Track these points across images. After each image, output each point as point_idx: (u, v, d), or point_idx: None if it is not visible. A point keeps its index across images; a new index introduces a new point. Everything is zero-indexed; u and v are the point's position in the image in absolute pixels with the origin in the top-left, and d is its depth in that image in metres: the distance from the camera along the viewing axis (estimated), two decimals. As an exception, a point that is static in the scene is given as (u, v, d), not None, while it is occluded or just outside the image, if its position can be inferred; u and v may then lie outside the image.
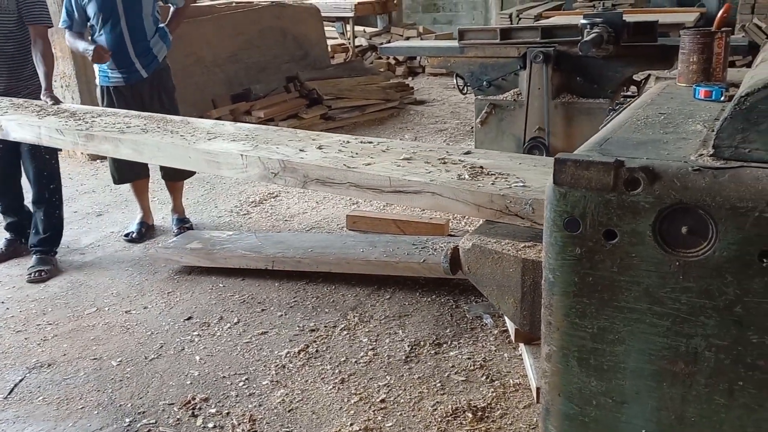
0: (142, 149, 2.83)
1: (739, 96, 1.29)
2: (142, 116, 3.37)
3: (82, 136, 3.02)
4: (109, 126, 3.10)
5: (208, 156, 2.58)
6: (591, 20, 4.06)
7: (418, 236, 3.73)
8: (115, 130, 2.98)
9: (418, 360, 2.83)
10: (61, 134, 3.12)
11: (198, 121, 3.19)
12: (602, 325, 1.47)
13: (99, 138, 2.96)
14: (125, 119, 3.27)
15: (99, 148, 3.02)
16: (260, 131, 2.87)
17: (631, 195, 1.36)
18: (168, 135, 2.85)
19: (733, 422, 1.39)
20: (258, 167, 2.42)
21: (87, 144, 3.04)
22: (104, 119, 3.27)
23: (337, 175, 2.23)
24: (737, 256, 1.29)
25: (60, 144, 3.22)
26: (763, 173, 1.26)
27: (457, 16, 14.47)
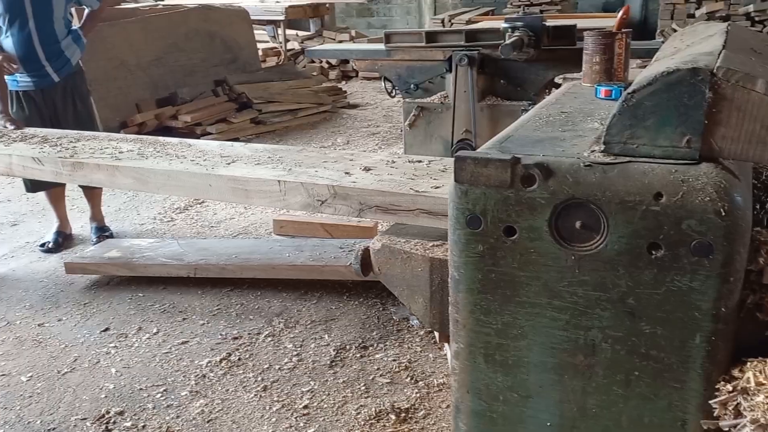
0: (147, 178, 2.47)
1: (626, 93, 1.33)
2: (128, 139, 3.01)
3: (67, 164, 2.63)
4: (96, 152, 2.74)
5: (234, 183, 2.26)
6: (512, 24, 4.13)
7: (345, 239, 3.71)
8: (107, 156, 2.65)
9: (343, 364, 2.80)
10: (40, 163, 2.73)
11: (200, 143, 2.88)
12: (506, 321, 1.49)
13: (89, 166, 2.58)
14: (111, 143, 2.91)
15: (90, 178, 2.65)
16: (281, 152, 2.59)
17: (528, 191, 1.38)
18: (175, 160, 2.54)
19: (630, 412, 1.43)
20: (300, 194, 2.13)
21: (74, 174, 2.65)
22: (86, 144, 2.92)
23: (404, 201, 1.97)
24: (627, 249, 1.32)
25: (38, 175, 2.78)
26: (649, 168, 1.30)
27: (392, 21, 14.57)
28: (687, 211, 1.25)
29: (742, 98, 1.23)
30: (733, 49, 1.42)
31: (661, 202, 1.27)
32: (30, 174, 2.84)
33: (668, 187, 1.27)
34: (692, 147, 1.28)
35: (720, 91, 1.24)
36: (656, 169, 1.29)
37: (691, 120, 1.27)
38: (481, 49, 4.42)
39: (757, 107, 1.22)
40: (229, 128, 6.46)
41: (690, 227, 1.26)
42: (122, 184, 2.57)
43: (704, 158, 1.29)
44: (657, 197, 1.27)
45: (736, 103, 1.23)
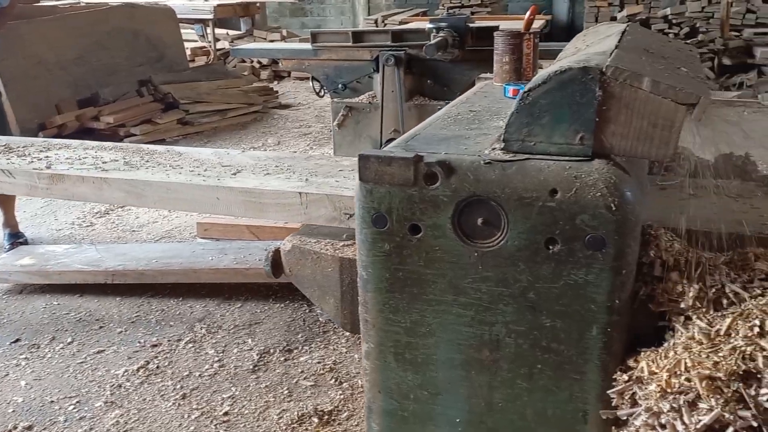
0: (142, 191, 2.21)
1: (523, 92, 1.35)
2: (106, 147, 2.67)
3: (44, 177, 2.33)
4: (74, 162, 2.43)
5: (247, 196, 2.04)
6: (436, 25, 4.17)
7: (272, 241, 3.66)
8: (90, 167, 2.36)
9: (266, 368, 2.76)
10: (10, 176, 2.40)
11: (191, 151, 2.61)
12: (414, 319, 1.49)
13: (72, 179, 2.29)
14: (89, 152, 2.60)
15: (71, 192, 2.33)
16: (287, 160, 2.38)
17: (431, 189, 1.38)
18: (172, 171, 2.29)
19: (535, 405, 1.45)
20: (325, 207, 1.91)
21: (52, 187, 2.34)
22: (59, 153, 2.60)
23: None
24: (526, 245, 1.35)
25: (7, 189, 2.49)
26: (545, 164, 1.32)
27: (326, 21, 14.50)
28: (580, 206, 1.28)
29: (629, 96, 1.27)
30: (626, 49, 1.46)
31: (557, 198, 1.30)
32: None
33: (563, 184, 1.29)
34: (585, 144, 1.32)
35: (609, 90, 1.27)
36: (552, 165, 1.32)
37: (584, 117, 1.30)
38: (407, 50, 4.45)
39: (643, 104, 1.26)
40: (154, 129, 6.28)
41: (584, 222, 1.29)
42: (111, 198, 2.34)
43: (597, 155, 1.32)
44: (552, 193, 1.30)
45: (625, 100, 1.27)
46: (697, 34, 8.39)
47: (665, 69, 1.38)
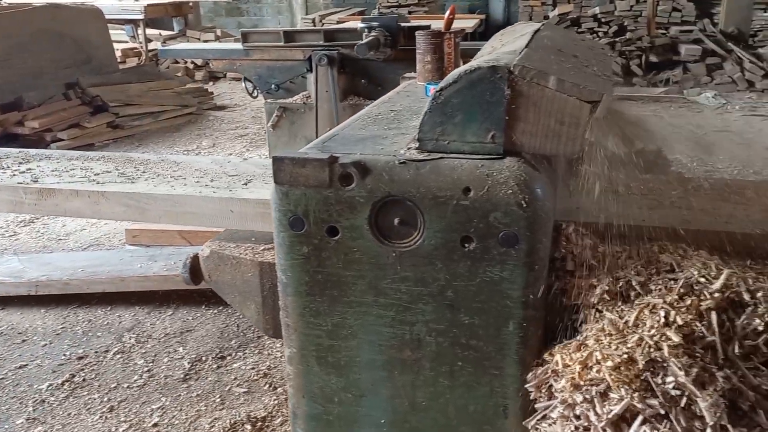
0: (144, 205, 2.01)
1: (435, 91, 1.35)
2: (92, 157, 2.41)
3: (32, 192, 2.09)
4: (62, 174, 2.19)
5: (264, 208, 1.80)
6: (368, 24, 4.17)
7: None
8: (83, 179, 2.14)
9: (198, 377, 2.70)
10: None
11: (188, 159, 2.41)
12: (336, 322, 1.48)
13: (63, 193, 2.06)
14: (74, 162, 2.35)
15: (63, 208, 2.09)
16: None
17: (347, 190, 1.37)
18: (176, 182, 2.10)
19: (457, 401, 1.46)
20: None
21: (41, 203, 2.10)
22: (42, 165, 2.33)
23: None
24: (443, 243, 1.35)
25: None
26: (458, 163, 1.33)
27: (263, 20, 14.34)
28: (493, 204, 1.30)
29: (537, 94, 1.29)
30: (536, 48, 1.49)
31: (470, 197, 1.31)
32: None
33: (475, 182, 1.30)
34: (496, 142, 1.33)
35: (517, 88, 1.29)
36: (465, 164, 1.33)
37: (494, 116, 1.32)
38: (340, 49, 4.43)
39: (550, 102, 1.28)
40: (82, 133, 6.07)
41: (497, 219, 1.30)
42: (109, 214, 2.09)
43: (508, 152, 1.34)
44: (466, 192, 1.31)
45: (532, 99, 1.29)
46: (626, 32, 8.67)
47: (573, 67, 1.41)
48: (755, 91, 7.83)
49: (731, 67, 8.07)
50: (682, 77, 8.20)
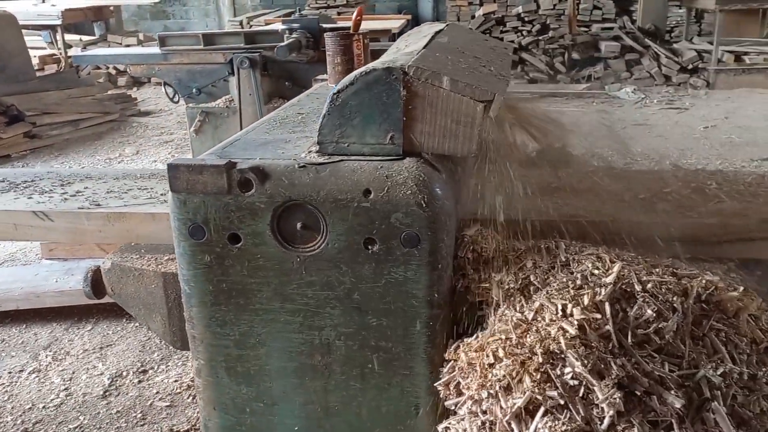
0: None
1: (332, 93, 1.34)
2: (143, 175, 2.11)
3: (97, 217, 1.78)
4: (122, 195, 1.91)
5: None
6: (289, 26, 4.13)
7: (126, 257, 3.47)
8: (154, 201, 1.85)
9: (118, 393, 2.61)
10: (46, 219, 1.81)
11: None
12: (243, 331, 1.45)
13: (138, 217, 1.76)
14: (126, 181, 2.03)
15: (136, 233, 1.76)
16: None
17: (247, 196, 1.35)
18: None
19: (369, 404, 1.46)
20: None
21: (107, 228, 1.77)
22: (89, 186, 2.01)
23: None
24: (346, 246, 1.34)
25: (40, 235, 1.88)
26: (358, 165, 1.33)
27: (190, 23, 14.01)
28: (393, 205, 1.30)
29: (432, 95, 1.30)
30: (434, 48, 1.50)
31: (371, 198, 1.30)
32: (26, 235, 1.87)
33: (375, 183, 1.30)
34: (395, 143, 1.33)
35: (413, 89, 1.30)
36: (364, 166, 1.32)
37: (392, 117, 1.32)
38: (262, 51, 4.37)
39: (445, 103, 1.29)
40: (-3, 144, 5.80)
41: (398, 220, 1.30)
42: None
43: (408, 153, 1.34)
44: (366, 194, 1.31)
45: (428, 99, 1.30)
46: (548, 30, 8.89)
47: (469, 68, 1.43)
48: (672, 85, 8.18)
49: (649, 63, 8.40)
50: (604, 73, 8.49)
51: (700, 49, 8.30)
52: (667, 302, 1.25)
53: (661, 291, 1.26)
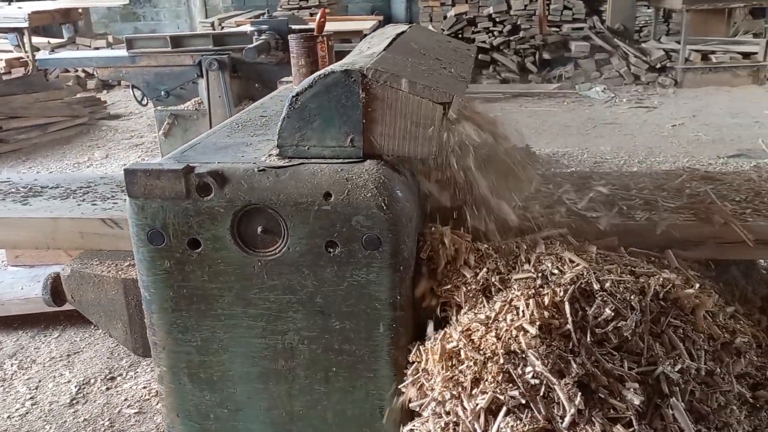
0: None
1: (291, 96, 1.34)
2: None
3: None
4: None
5: None
6: (258, 27, 4.11)
7: (93, 263, 3.41)
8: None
9: (86, 401, 2.57)
10: (115, 227, 1.72)
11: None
12: (205, 336, 1.44)
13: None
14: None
15: None
16: None
17: (206, 201, 1.33)
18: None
19: (334, 407, 1.45)
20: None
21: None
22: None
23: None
24: (308, 250, 1.34)
25: (108, 244, 1.74)
26: (318, 168, 1.32)
27: (160, 25, 13.85)
28: (354, 207, 1.30)
29: (391, 97, 1.30)
30: (395, 50, 1.50)
31: (331, 201, 1.30)
32: (92, 243, 1.74)
33: (335, 186, 1.30)
34: (356, 146, 1.33)
35: (372, 91, 1.29)
36: (324, 169, 1.32)
37: (352, 119, 1.32)
38: (231, 53, 4.34)
39: (404, 105, 1.29)
40: (-39, 150, 5.67)
41: (359, 223, 1.30)
42: None
43: (369, 155, 1.34)
44: (326, 197, 1.30)
45: (387, 101, 1.30)
46: (519, 30, 8.95)
47: (429, 70, 1.43)
48: (641, 84, 8.28)
49: (618, 62, 8.50)
50: (574, 73, 8.56)
51: (668, 49, 8.43)
52: (625, 301, 1.26)
53: (619, 290, 1.27)
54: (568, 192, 1.72)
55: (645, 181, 1.87)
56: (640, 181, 1.86)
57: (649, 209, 1.66)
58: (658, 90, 8.01)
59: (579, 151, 5.69)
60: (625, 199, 1.73)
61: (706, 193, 1.73)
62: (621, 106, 7.46)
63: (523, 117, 7.18)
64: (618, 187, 1.80)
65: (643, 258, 1.49)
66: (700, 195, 1.72)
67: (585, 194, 1.71)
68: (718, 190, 1.76)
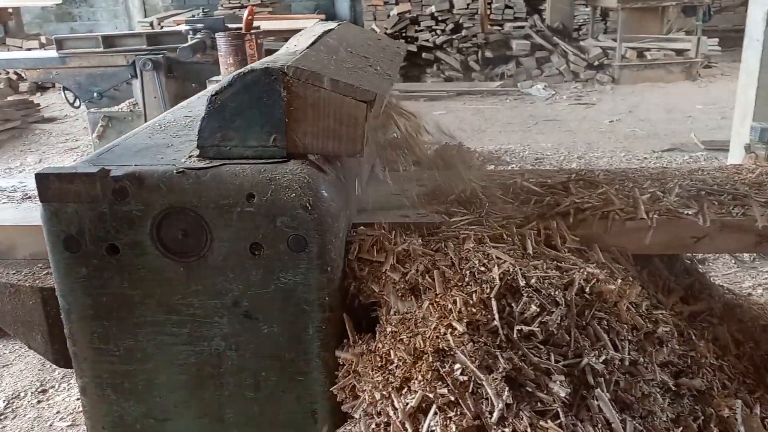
0: None
1: (210, 96, 1.30)
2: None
3: None
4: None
5: None
6: (193, 26, 4.03)
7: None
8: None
9: (15, 415, 2.46)
10: None
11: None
12: (128, 345, 1.39)
13: None
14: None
15: None
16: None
17: (123, 205, 1.29)
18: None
19: (266, 412, 1.42)
20: None
21: None
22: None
23: None
24: (232, 253, 1.30)
25: None
26: (240, 169, 1.29)
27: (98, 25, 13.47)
28: (278, 208, 1.27)
29: (313, 95, 1.27)
30: (319, 49, 1.47)
31: (254, 203, 1.27)
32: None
33: (258, 187, 1.27)
34: (279, 145, 1.30)
35: (293, 90, 1.27)
36: (247, 170, 1.29)
37: (274, 119, 1.29)
38: (166, 53, 4.24)
39: (327, 103, 1.27)
40: None
41: (284, 224, 1.28)
42: None
43: (293, 155, 1.32)
44: (250, 198, 1.27)
45: (309, 100, 1.28)
46: (462, 29, 9.04)
47: (354, 68, 1.41)
48: (580, 81, 8.48)
49: (558, 60, 8.68)
50: (516, 71, 8.70)
51: (605, 47, 8.65)
52: (550, 296, 1.27)
53: (544, 285, 1.28)
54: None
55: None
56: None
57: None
58: (597, 87, 8.21)
59: (521, 148, 5.79)
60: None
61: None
62: (561, 103, 7.62)
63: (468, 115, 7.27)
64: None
65: (574, 253, 1.50)
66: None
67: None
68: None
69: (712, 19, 9.03)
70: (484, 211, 1.53)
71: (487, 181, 1.70)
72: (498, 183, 1.72)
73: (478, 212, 1.52)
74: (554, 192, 1.66)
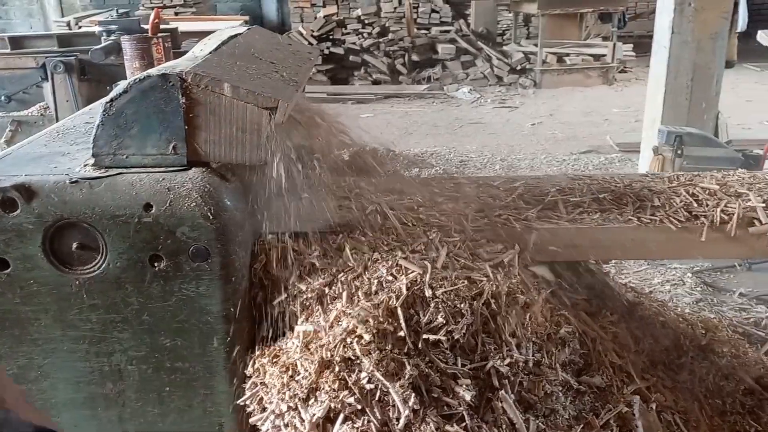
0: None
1: (105, 102, 1.25)
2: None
3: None
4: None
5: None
6: (106, 27, 3.88)
7: None
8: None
9: None
10: None
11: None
12: (22, 364, 1.32)
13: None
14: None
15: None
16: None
17: (12, 217, 1.22)
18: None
19: (170, 429, 1.38)
20: None
21: None
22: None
23: None
24: (130, 265, 1.26)
25: None
26: (137, 178, 1.25)
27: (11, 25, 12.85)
28: (178, 218, 1.23)
29: (214, 102, 1.25)
30: (223, 54, 1.45)
31: (152, 213, 1.23)
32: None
33: (156, 197, 1.23)
34: (179, 153, 1.27)
35: (193, 96, 1.24)
36: (144, 179, 1.25)
37: (173, 126, 1.25)
38: (78, 55, 4.07)
39: (228, 110, 1.25)
40: None
41: (184, 234, 1.24)
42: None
43: (194, 163, 1.28)
44: (147, 208, 1.23)
45: (210, 106, 1.25)
46: (388, 32, 9.10)
47: (258, 74, 1.39)
48: (504, 85, 8.69)
49: (482, 64, 8.86)
50: (442, 74, 8.83)
51: (527, 51, 8.89)
52: (456, 308, 1.29)
53: (450, 297, 1.29)
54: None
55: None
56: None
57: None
58: (520, 90, 8.43)
59: (447, 150, 5.87)
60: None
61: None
62: (486, 106, 7.78)
63: (395, 118, 7.32)
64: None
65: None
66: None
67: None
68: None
69: (627, 26, 9.42)
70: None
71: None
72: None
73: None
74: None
